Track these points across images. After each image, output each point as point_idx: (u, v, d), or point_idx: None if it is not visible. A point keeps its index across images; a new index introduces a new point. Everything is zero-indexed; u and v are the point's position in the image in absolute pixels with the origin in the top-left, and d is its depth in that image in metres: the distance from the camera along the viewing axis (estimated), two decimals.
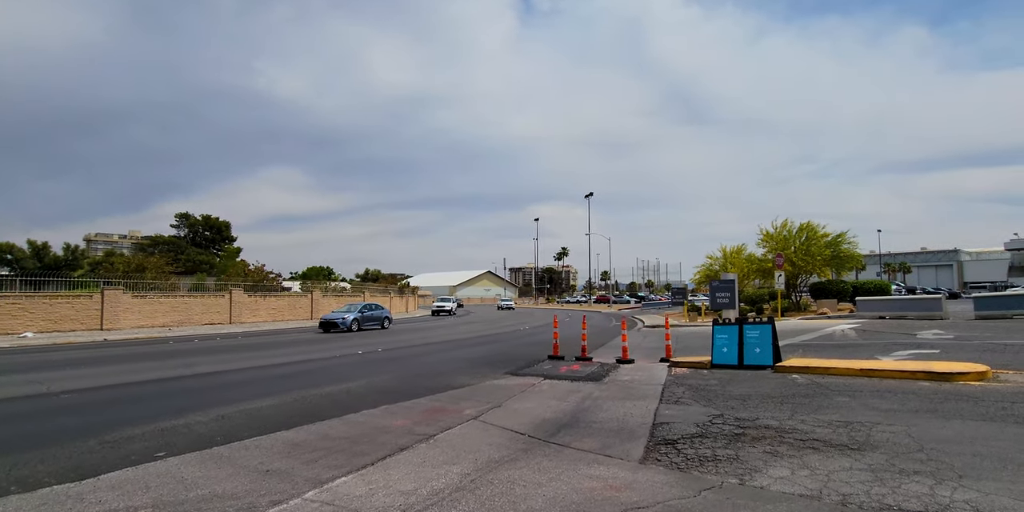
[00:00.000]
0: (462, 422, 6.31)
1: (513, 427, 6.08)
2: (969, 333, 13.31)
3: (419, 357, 13.28)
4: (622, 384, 8.91)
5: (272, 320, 28.72)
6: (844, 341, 13.33)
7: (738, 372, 9.68)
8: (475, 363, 11.91)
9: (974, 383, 7.44)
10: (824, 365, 9.06)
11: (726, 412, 6.48)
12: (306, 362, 12.26)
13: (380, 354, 13.95)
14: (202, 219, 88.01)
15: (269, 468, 4.60)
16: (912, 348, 11.07)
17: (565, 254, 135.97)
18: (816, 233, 24.21)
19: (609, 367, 10.97)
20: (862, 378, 8.30)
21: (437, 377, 9.82)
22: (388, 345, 16.34)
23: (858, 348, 11.81)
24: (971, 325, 15.62)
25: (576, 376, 9.77)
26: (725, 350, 10.46)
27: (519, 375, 10.05)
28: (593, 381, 9.30)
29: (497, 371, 10.54)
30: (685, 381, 9.00)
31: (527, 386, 8.81)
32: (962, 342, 11.62)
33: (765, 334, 10.06)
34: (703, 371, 10.10)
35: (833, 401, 6.79)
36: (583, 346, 12.34)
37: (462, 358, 12.97)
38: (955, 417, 5.69)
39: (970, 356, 9.60)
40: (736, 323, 10.49)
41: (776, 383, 8.34)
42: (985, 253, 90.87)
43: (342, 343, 17.19)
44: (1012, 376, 7.74)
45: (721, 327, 10.69)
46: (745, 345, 10.25)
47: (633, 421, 6.25)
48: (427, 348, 15.66)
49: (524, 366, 11.20)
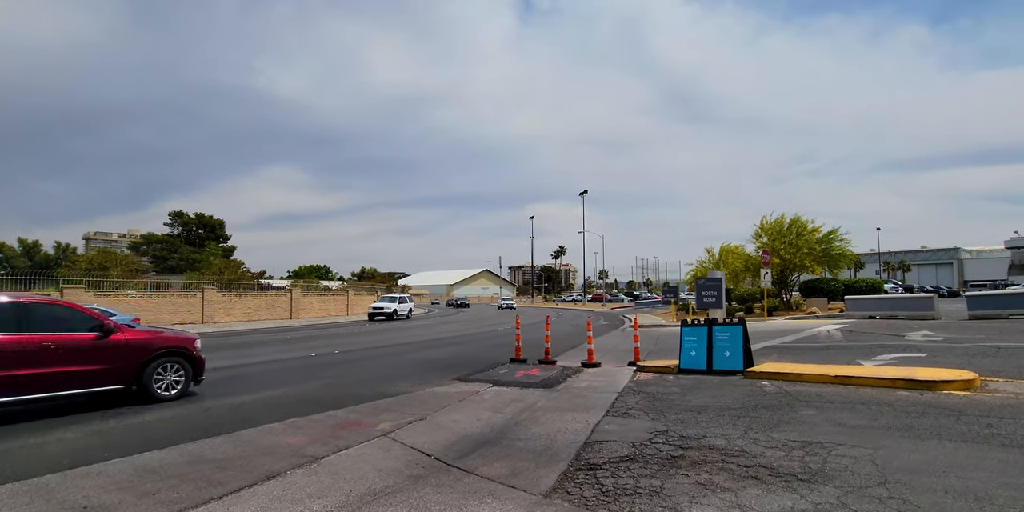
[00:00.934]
0: (368, 439, 5.50)
1: (422, 446, 5.26)
2: (960, 334, 12.47)
3: (374, 360, 12.47)
4: (575, 392, 8.11)
5: (248, 320, 27.89)
6: (828, 343, 12.50)
7: (705, 378, 8.86)
8: (430, 367, 11.10)
9: (959, 393, 6.61)
10: (797, 371, 8.23)
11: (673, 428, 5.67)
12: (248, 366, 11.44)
13: (334, 356, 13.13)
14: (195, 217, 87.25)
15: (89, 504, 3.78)
16: (897, 351, 10.24)
17: (562, 253, 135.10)
18: (806, 228, 23.34)
19: (570, 372, 10.16)
20: (836, 386, 7.47)
21: (377, 384, 9.01)
22: (349, 347, 15.53)
23: (840, 351, 10.98)
24: (964, 326, 14.77)
25: (529, 382, 8.95)
26: (693, 353, 9.64)
27: (468, 381, 9.24)
28: (544, 388, 8.49)
29: (447, 376, 9.73)
30: (645, 388, 8.19)
31: (470, 394, 8.00)
32: (952, 345, 10.78)
33: (735, 337, 9.23)
34: (668, 376, 9.29)
35: (797, 415, 5.96)
36: (546, 349, 11.51)
37: (419, 361, 12.15)
38: (932, 437, 4.86)
39: (958, 361, 8.77)
40: (705, 324, 9.66)
41: (742, 391, 7.52)
42: (985, 251, 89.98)
43: (299, 345, 16.39)
44: (1002, 385, 6.91)
45: (689, 329, 9.87)
46: (714, 348, 9.43)
47: (564, 439, 5.43)
48: (389, 350, 14.84)
49: (479, 370, 10.39)
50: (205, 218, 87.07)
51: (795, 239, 22.84)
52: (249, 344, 16.59)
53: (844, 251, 23.66)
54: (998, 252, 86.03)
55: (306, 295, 33.02)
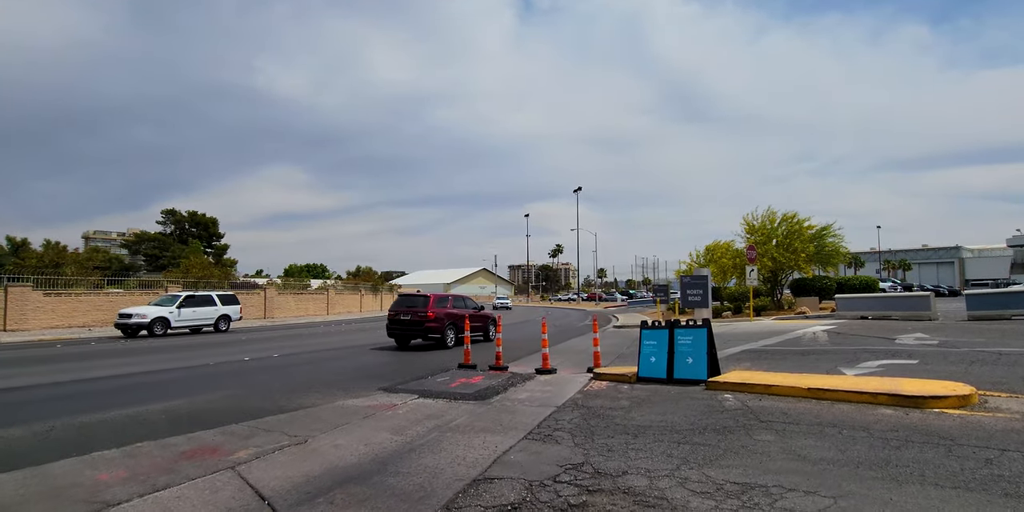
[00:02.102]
0: (206, 474, 4.37)
1: (266, 484, 4.14)
2: (958, 337, 11.29)
3: (310, 365, 11.33)
4: (508, 405, 6.99)
5: None
6: (811, 346, 11.34)
7: (663, 388, 7.73)
8: (365, 374, 9.96)
9: (953, 411, 5.46)
10: (766, 382, 7.08)
11: (594, 458, 4.54)
12: (162, 372, 10.30)
13: (270, 361, 12.00)
14: (188, 215, 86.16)
15: None
16: (886, 357, 9.08)
17: (560, 251, 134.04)
18: (799, 225, 22.11)
19: (518, 380, 9.04)
20: (808, 401, 6.33)
21: (286, 395, 7.87)
22: (297, 349, 14.40)
23: (823, 356, 9.83)
24: (962, 327, 13.59)
25: (462, 393, 7.82)
26: (653, 360, 8.50)
27: (393, 391, 8.10)
28: (476, 401, 7.37)
29: (375, 385, 8.60)
30: (590, 401, 7.07)
31: (383, 409, 6.87)
32: (947, 349, 9.61)
33: (699, 341, 8.09)
34: (624, 386, 8.16)
35: (752, 441, 4.82)
36: (497, 353, 10.38)
37: (360, 366, 11.02)
38: (913, 479, 3.72)
39: (954, 369, 7.61)
40: (667, 327, 8.51)
41: (698, 407, 6.39)
42: (987, 250, 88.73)
43: (244, 347, 15.26)
44: (1004, 401, 5.75)
45: (649, 331, 8.73)
46: (676, 354, 8.28)
47: (452, 474, 4.30)
48: (339, 353, 13.70)
49: (417, 378, 9.26)
50: (198, 216, 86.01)
51: (788, 237, 21.64)
52: (190, 347, 15.46)
53: (837, 248, 22.44)
54: (1000, 251, 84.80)
55: (281, 294, 31.86)
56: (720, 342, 13.53)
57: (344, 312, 38.09)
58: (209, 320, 21.49)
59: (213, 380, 9.24)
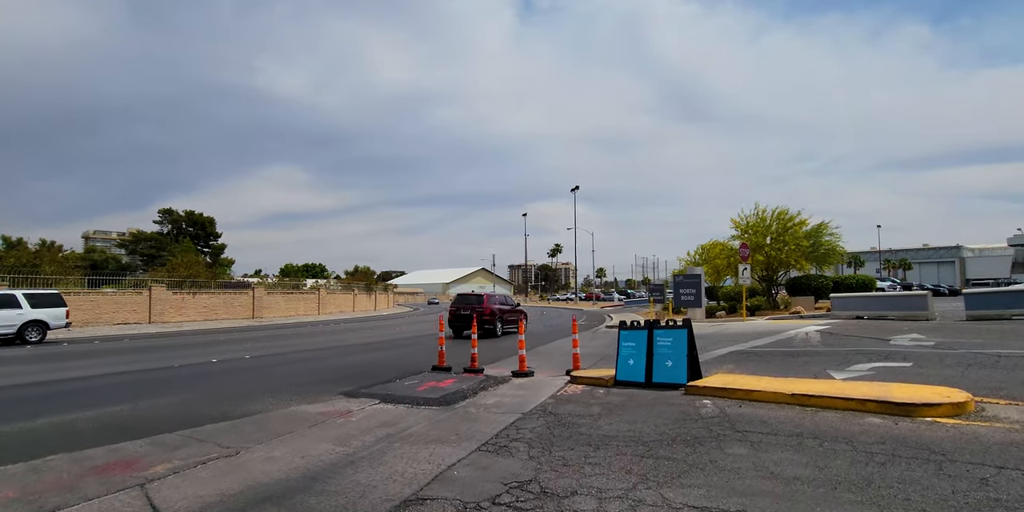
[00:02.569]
0: (111, 492, 3.92)
1: (174, 505, 3.70)
2: (955, 338, 10.81)
3: (277, 367, 10.87)
4: (472, 412, 6.55)
5: (203, 320, 26.30)
6: (802, 347, 10.87)
7: (640, 393, 7.27)
8: (330, 377, 9.49)
9: (946, 421, 4.99)
10: (747, 387, 6.61)
11: (545, 474, 4.08)
12: (116, 375, 9.84)
13: (237, 363, 11.55)
14: (185, 215, 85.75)
15: None
16: (878, 359, 8.61)
17: (559, 251, 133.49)
18: (792, 221, 21.59)
19: (491, 383, 8.59)
20: (791, 408, 5.87)
21: (238, 400, 7.41)
22: (270, 351, 13.95)
23: (813, 358, 9.36)
24: (960, 328, 13.12)
25: (427, 398, 7.37)
26: (631, 363, 8.04)
27: (354, 396, 7.65)
28: (439, 406, 6.91)
29: (337, 389, 8.14)
30: (559, 408, 6.62)
31: (336, 415, 6.42)
32: (943, 351, 9.13)
33: (679, 342, 7.62)
34: (599, 390, 7.70)
35: (723, 454, 4.36)
36: (472, 355, 9.90)
37: (327, 369, 10.56)
38: (897, 504, 3.26)
39: (949, 373, 7.14)
40: (645, 328, 8.05)
41: (672, 414, 5.93)
42: (988, 249, 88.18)
43: (215, 349, 14.81)
44: (1003, 409, 5.28)
45: (628, 332, 8.27)
46: (655, 357, 7.82)
47: (383, 492, 3.85)
48: (312, 354, 13.24)
49: (384, 381, 8.80)
50: (195, 216, 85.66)
51: (780, 234, 21.12)
52: (160, 348, 15.00)
53: (834, 246, 21.93)
54: (1001, 250, 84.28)
55: (271, 294, 31.38)
56: (710, 343, 13.08)
57: (336, 312, 37.63)
58: (7, 328, 15.62)
59: (168, 384, 8.78)
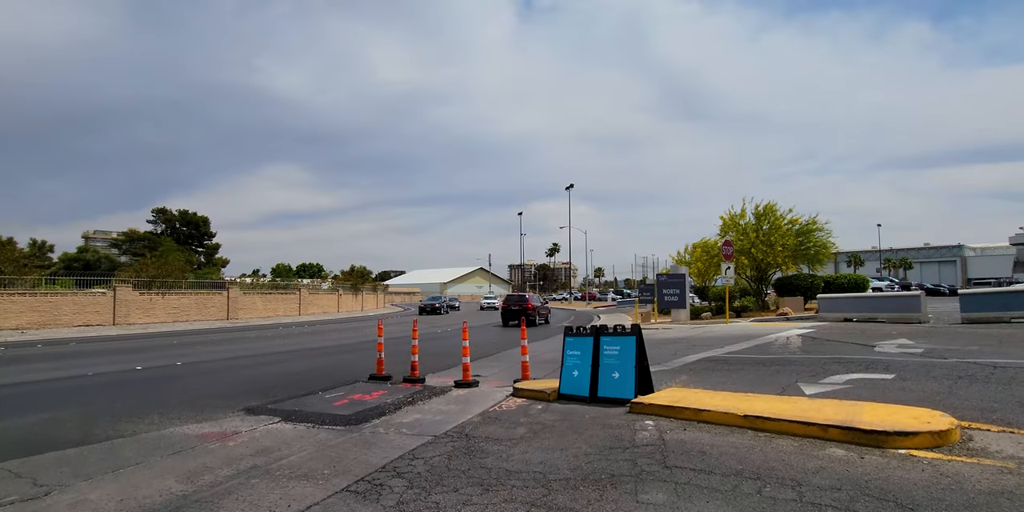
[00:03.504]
0: None
1: None
2: (946, 345, 9.81)
3: (198, 376, 9.91)
4: (375, 435, 5.66)
5: (173, 321, 25.34)
6: (779, 354, 9.91)
7: (579, 410, 6.34)
8: (247, 389, 8.53)
9: (923, 454, 4.03)
10: (699, 405, 5.66)
11: None
12: (14, 386, 8.90)
13: (163, 370, 10.61)
14: (179, 214, 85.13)
15: None
16: (858, 369, 7.64)
17: (556, 250, 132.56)
18: (782, 220, 20.54)
19: (424, 395, 7.70)
20: (743, 432, 4.91)
21: (114, 418, 6.46)
22: (210, 356, 13.01)
23: (787, 366, 8.39)
24: (953, 332, 12.11)
25: (337, 415, 6.46)
26: (576, 374, 7.09)
27: (256, 412, 6.72)
28: (345, 426, 6.01)
29: (241, 405, 7.20)
30: (480, 429, 5.71)
31: (216, 438, 5.49)
32: (932, 360, 8.15)
33: (626, 351, 6.67)
34: (537, 406, 6.77)
35: (635, 504, 3.42)
36: (412, 363, 8.97)
37: (253, 379, 9.61)
38: None
39: (935, 388, 6.17)
40: (591, 334, 7.09)
41: (602, 440, 4.98)
42: (989, 249, 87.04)
43: (157, 354, 13.89)
44: (994, 439, 4.31)
45: (573, 339, 7.32)
46: (601, 368, 6.87)
47: None
48: (252, 360, 12.28)
49: (300, 395, 7.88)
50: (189, 215, 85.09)
51: (767, 233, 20.09)
52: (98, 352, 14.05)
53: (825, 243, 20.85)
54: (1002, 249, 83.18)
55: (247, 294, 30.39)
56: (684, 348, 12.12)
57: (319, 312, 36.67)
58: None
59: (59, 396, 7.83)
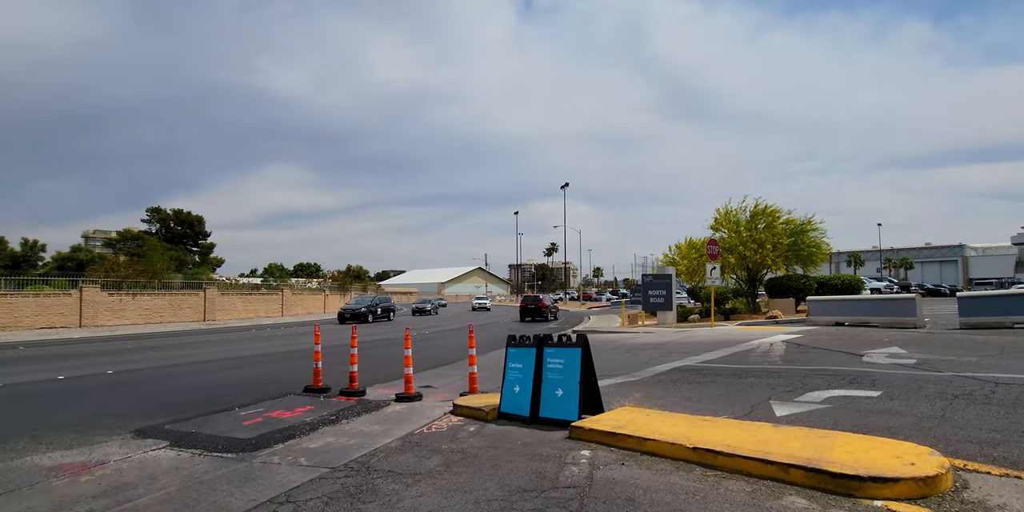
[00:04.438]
0: None
1: None
2: (942, 355, 8.89)
3: (113, 388, 9.01)
4: (266, 465, 4.84)
5: (145, 323, 24.46)
6: (757, 363, 9.03)
7: (515, 434, 5.49)
8: (162, 402, 7.68)
9: (904, 509, 3.15)
10: (645, 432, 4.79)
11: None
12: None
13: (82, 381, 9.73)
14: (173, 214, 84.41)
15: None
16: (840, 384, 6.75)
17: (555, 250, 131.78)
18: (777, 219, 19.60)
19: (353, 412, 6.89)
20: (691, 469, 4.05)
21: None
22: (150, 363, 12.15)
23: (763, 379, 7.51)
24: (950, 339, 11.13)
25: (232, 439, 5.62)
26: (517, 390, 6.22)
27: (145, 435, 5.88)
28: (237, 454, 5.18)
29: (136, 425, 6.34)
30: (389, 459, 4.90)
31: (74, 471, 4.66)
32: (925, 373, 7.25)
33: (571, 365, 5.80)
34: (470, 427, 5.93)
35: None
36: (351, 374, 8.11)
37: (176, 389, 8.75)
38: None
39: (925, 411, 5.28)
40: (534, 344, 6.22)
41: (521, 478, 4.13)
42: (991, 249, 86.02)
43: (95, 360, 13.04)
44: (995, 487, 3.42)
45: (515, 350, 6.46)
46: (544, 383, 6.01)
47: None
48: (187, 369, 11.33)
49: (213, 411, 7.03)
50: (183, 214, 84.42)
51: (760, 231, 19.16)
52: (38, 358, 13.18)
53: (819, 244, 19.91)
54: (1004, 249, 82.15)
55: (225, 295, 29.49)
56: (659, 355, 11.24)
57: (304, 313, 35.79)
58: None
59: None
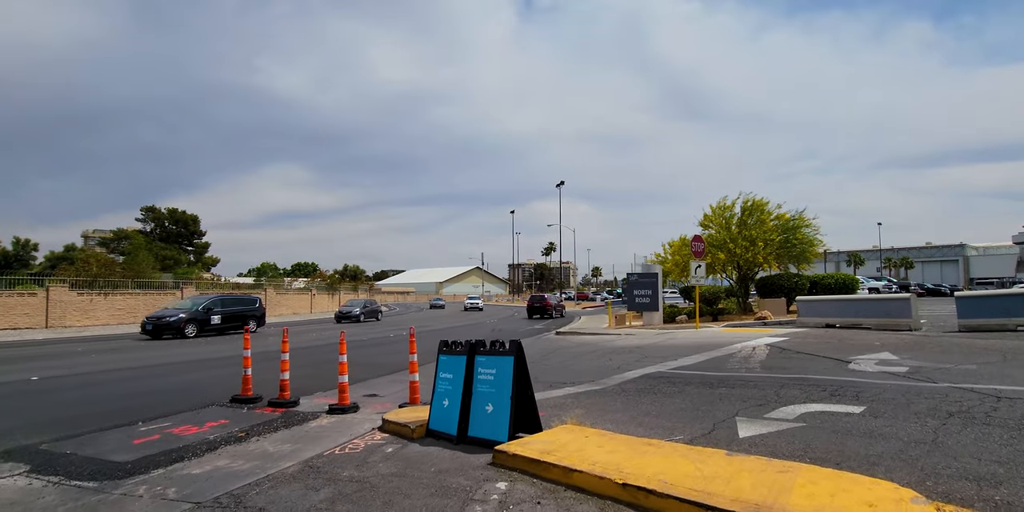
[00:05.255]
0: None
1: None
2: (938, 361, 8.02)
3: (31, 397, 8.22)
4: (126, 498, 4.20)
5: (117, 323, 23.62)
6: (734, 370, 8.20)
7: (436, 456, 4.72)
8: (75, 415, 6.90)
9: None
10: (573, 461, 3.99)
11: None
12: None
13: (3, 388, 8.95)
14: (168, 213, 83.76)
15: None
16: (820, 397, 5.92)
17: (553, 249, 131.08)
18: (769, 215, 18.70)
19: (275, 426, 6.21)
20: (618, 509, 3.24)
21: None
22: (93, 368, 11.35)
23: (735, 390, 6.69)
24: (948, 344, 10.09)
25: (110, 462, 4.87)
26: (446, 404, 5.43)
27: (15, 458, 5.10)
28: (104, 481, 4.48)
29: (16, 441, 5.57)
30: (268, 492, 4.17)
31: None
32: (917, 384, 6.41)
33: (503, 377, 5.00)
34: (390, 448, 5.15)
35: None
36: (282, 382, 7.31)
37: (97, 399, 7.97)
38: None
39: (914, 434, 4.46)
40: (465, 352, 5.41)
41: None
42: (992, 248, 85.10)
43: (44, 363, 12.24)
44: None
45: (447, 358, 5.65)
46: (474, 396, 5.21)
47: None
48: (127, 373, 10.49)
49: (127, 423, 6.31)
50: (178, 214, 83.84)
51: (751, 227, 18.26)
52: None
53: (812, 241, 19.01)
54: (1006, 248, 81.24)
55: (204, 294, 28.61)
56: (633, 359, 10.41)
57: (288, 314, 34.96)
58: None
59: None
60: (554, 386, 7.98)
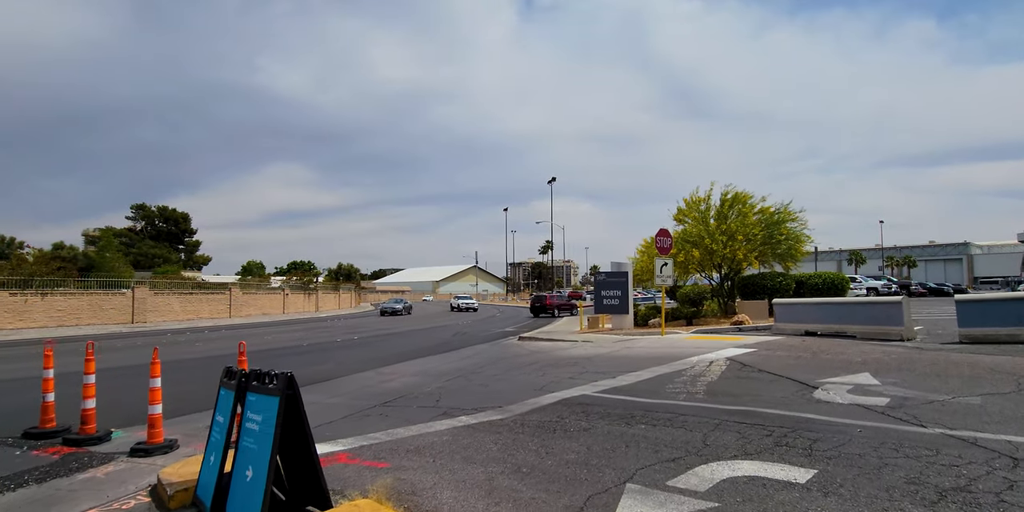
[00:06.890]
0: None
1: None
2: (930, 389, 6.11)
3: None
4: None
5: (58, 325, 22.07)
6: (669, 397, 6.50)
7: None
8: None
9: None
10: None
11: None
12: None
13: None
14: (158, 211, 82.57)
15: None
16: (757, 450, 4.21)
17: (550, 247, 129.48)
18: (751, 208, 16.96)
19: (20, 480, 4.51)
20: None
21: None
22: None
23: (653, 430, 5.00)
24: (944, 362, 7.99)
25: None
26: (212, 460, 3.76)
27: None
28: None
29: None
30: None
31: None
32: (899, 429, 4.67)
33: (266, 426, 3.32)
34: None
35: None
36: (83, 413, 5.67)
37: None
38: None
39: None
40: (234, 387, 3.76)
41: None
42: (997, 246, 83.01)
43: None
44: None
45: (225, 392, 3.97)
46: (239, 452, 3.54)
47: None
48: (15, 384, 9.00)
49: None
50: (168, 211, 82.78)
51: (732, 222, 16.48)
52: None
53: (798, 236, 17.23)
54: (1010, 247, 79.18)
55: (158, 294, 27.01)
56: (567, 376, 8.67)
57: (257, 315, 33.33)
58: None
59: None
60: (450, 414, 6.32)
